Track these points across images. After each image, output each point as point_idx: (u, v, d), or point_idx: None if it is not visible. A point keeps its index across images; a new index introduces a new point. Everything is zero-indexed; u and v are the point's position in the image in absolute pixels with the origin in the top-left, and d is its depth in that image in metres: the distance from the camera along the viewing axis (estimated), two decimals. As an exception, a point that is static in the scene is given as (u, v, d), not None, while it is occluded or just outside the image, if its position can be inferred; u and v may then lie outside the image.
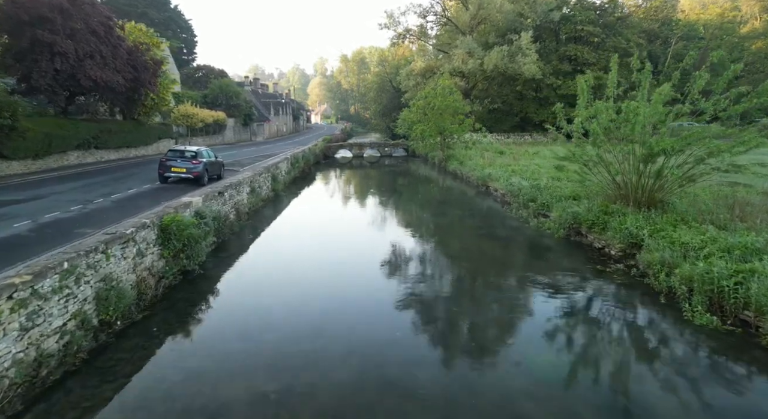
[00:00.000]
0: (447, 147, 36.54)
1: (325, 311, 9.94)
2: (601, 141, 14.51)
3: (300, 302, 10.47)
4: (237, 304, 10.54)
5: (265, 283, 12.02)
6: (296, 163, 31.90)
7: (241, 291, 11.36)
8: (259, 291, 11.34)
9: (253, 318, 9.68)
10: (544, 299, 10.51)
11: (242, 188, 19.02)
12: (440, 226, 19.30)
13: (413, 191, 29.55)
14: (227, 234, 15.60)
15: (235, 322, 9.52)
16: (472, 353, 8.25)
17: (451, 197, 26.08)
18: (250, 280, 12.28)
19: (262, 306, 10.33)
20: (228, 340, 8.61)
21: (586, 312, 9.94)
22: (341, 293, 11.22)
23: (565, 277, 11.94)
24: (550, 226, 15.70)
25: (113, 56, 26.10)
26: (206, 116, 46.28)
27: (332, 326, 9.21)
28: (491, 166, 28.17)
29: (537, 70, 44.39)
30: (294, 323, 9.34)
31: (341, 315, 9.82)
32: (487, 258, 14.52)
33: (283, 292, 11.21)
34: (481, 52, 47.79)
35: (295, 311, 9.95)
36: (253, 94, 71.77)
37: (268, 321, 9.44)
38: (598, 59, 46.70)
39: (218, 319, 9.73)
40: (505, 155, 35.68)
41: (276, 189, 24.17)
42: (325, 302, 10.47)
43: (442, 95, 34.73)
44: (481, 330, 9.33)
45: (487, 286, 11.94)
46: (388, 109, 70.69)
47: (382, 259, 14.09)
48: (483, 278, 12.68)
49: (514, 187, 20.89)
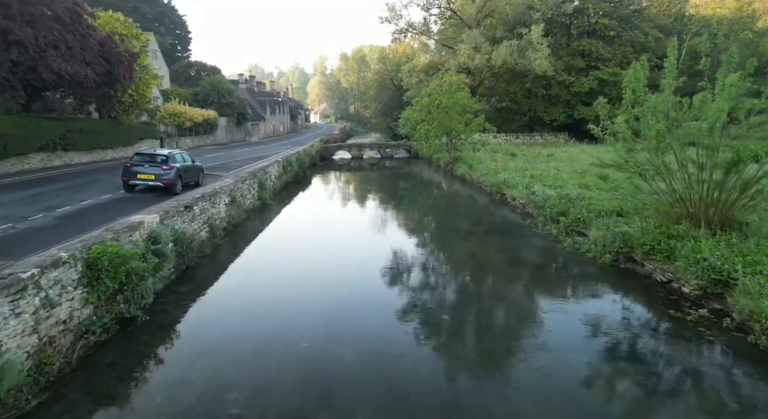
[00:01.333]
0: (454, 148, 33.63)
1: (317, 378, 7.07)
2: (665, 145, 11.55)
3: (285, 362, 7.59)
4: (194, 368, 7.55)
5: (236, 331, 9.01)
6: (289, 166, 28.99)
7: (201, 346, 8.37)
8: (229, 348, 8.27)
9: (215, 390, 6.76)
10: (613, 367, 7.59)
11: (219, 198, 16.11)
12: (453, 244, 16.37)
13: (418, 199, 26.63)
14: (195, 259, 12.69)
15: (189, 401, 6.58)
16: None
17: (463, 207, 23.13)
18: (215, 328, 9.25)
19: (230, 375, 7.31)
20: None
21: (683, 395, 6.98)
22: (336, 349, 8.26)
23: (629, 327, 9.00)
24: (591, 249, 12.79)
25: (81, 47, 23.20)
26: (195, 114, 43.40)
27: (324, 400, 6.33)
28: (505, 170, 25.25)
29: (549, 66, 41.48)
30: (276, 398, 6.46)
31: (338, 383, 6.93)
32: (518, 293, 11.60)
33: (261, 346, 8.27)
34: (488, 47, 44.90)
35: (278, 380, 7.07)
36: (248, 92, 68.82)
37: (238, 397, 6.54)
38: (614, 54, 43.81)
39: (164, 395, 6.79)
40: (517, 158, 32.77)
41: (264, 198, 21.26)
42: (317, 365, 7.56)
43: (448, 92, 31.82)
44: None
45: (519, 338, 8.99)
46: (388, 108, 67.84)
47: (386, 294, 11.21)
48: (515, 324, 9.78)
49: (538, 196, 17.98)
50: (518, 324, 9.70)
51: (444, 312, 10.14)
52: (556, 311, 9.89)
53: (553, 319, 9.37)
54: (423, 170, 39.35)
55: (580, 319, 9.24)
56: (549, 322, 9.23)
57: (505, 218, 19.30)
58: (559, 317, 9.53)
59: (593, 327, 8.96)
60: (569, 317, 9.50)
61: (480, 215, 20.98)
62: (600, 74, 41.97)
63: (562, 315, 9.67)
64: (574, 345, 8.27)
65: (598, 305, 10.27)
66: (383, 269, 12.85)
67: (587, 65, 44.33)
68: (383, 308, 10.18)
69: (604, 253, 12.24)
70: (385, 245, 15.75)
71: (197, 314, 9.95)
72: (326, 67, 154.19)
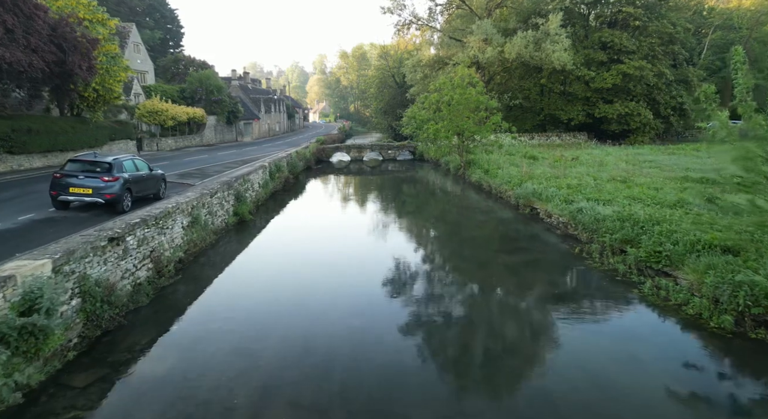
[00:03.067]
0: (467, 151, 29.64)
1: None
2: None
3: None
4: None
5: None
6: (278, 172, 25.06)
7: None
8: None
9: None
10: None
11: (172, 221, 12.18)
12: (481, 283, 12.41)
13: (428, 212, 22.56)
14: (118, 319, 8.75)
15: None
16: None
17: (485, 225, 18.89)
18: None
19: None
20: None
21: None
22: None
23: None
24: (692, 302, 8.87)
25: (26, 30, 19.39)
26: (179, 112, 39.49)
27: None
28: (531, 178, 21.32)
29: (568, 59, 37.51)
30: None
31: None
32: (602, 381, 7.64)
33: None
34: (500, 39, 40.91)
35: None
36: (242, 89, 64.91)
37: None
38: (639, 46, 39.78)
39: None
40: (538, 162, 28.89)
41: (241, 213, 17.33)
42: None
43: (460, 87, 27.87)
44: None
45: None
46: (390, 106, 63.98)
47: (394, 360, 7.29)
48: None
49: (586, 215, 14.05)
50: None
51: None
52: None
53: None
54: (430, 174, 35.41)
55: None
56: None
57: (542, 242, 15.28)
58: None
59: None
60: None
61: (508, 236, 16.88)
62: (624, 68, 37.99)
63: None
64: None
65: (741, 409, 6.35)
66: (377, 329, 8.90)
67: (609, 59, 40.31)
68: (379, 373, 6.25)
69: (717, 312, 8.32)
70: (387, 286, 11.83)
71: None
72: (326, 66, 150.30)
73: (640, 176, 21.14)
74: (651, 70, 38.84)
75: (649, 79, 39.16)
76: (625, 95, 40.25)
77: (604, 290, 10.75)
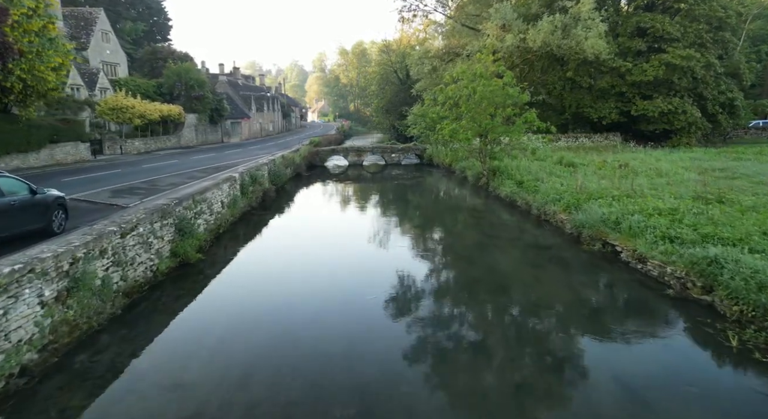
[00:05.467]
0: (491, 156, 24.03)
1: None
2: None
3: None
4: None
5: None
6: (252, 184, 19.49)
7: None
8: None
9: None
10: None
11: (16, 296, 6.62)
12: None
13: (452, 245, 16.41)
14: None
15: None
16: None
17: (540, 275, 12.07)
18: None
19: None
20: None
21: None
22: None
23: None
24: None
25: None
26: (149, 110, 33.87)
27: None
28: (591, 197, 15.74)
29: (605, 46, 31.94)
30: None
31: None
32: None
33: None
34: (521, 25, 35.38)
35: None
36: (230, 85, 59.31)
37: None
38: (685, 33, 34.15)
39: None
40: (578, 169, 23.39)
41: (183, 252, 11.76)
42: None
43: (483, 77, 22.31)
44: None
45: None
46: (392, 104, 58.33)
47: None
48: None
49: (731, 272, 8.53)
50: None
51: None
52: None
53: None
54: (442, 183, 29.85)
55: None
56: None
57: (656, 315, 9.69)
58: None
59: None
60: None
61: (594, 305, 11.11)
62: (669, 58, 32.42)
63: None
64: None
65: None
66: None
67: (648, 47, 34.74)
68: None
69: None
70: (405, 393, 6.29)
71: None
72: (326, 65, 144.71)
73: (736, 193, 15.59)
74: (699, 61, 33.26)
75: (696, 72, 33.59)
76: (667, 90, 34.66)
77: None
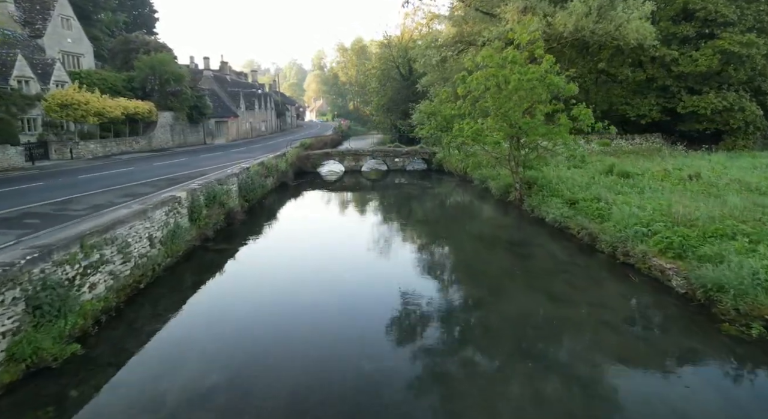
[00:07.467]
0: (524, 164, 18.73)
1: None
2: None
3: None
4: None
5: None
6: (208, 205, 14.15)
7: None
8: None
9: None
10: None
11: None
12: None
13: (496, 322, 10.94)
14: None
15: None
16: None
17: (655, 370, 7.81)
18: None
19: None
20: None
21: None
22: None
23: None
24: None
25: None
26: (109, 106, 28.59)
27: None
28: (693, 222, 10.55)
29: (651, 30, 26.68)
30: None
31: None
32: None
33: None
34: (547, 8, 30.20)
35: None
36: (217, 81, 54.00)
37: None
38: (742, 15, 28.89)
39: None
40: (632, 180, 18.22)
41: (33, 351, 6.54)
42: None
43: (517, 63, 17.09)
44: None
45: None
46: (394, 102, 53.16)
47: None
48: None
49: None
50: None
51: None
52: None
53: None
54: (457, 195, 24.54)
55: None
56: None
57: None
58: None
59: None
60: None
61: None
62: (725, 44, 27.24)
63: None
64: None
65: None
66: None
67: (697, 33, 29.50)
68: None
69: None
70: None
71: None
72: (325, 63, 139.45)
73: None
74: (760, 49, 28.02)
75: (756, 61, 28.34)
76: (718, 83, 29.42)
77: None
